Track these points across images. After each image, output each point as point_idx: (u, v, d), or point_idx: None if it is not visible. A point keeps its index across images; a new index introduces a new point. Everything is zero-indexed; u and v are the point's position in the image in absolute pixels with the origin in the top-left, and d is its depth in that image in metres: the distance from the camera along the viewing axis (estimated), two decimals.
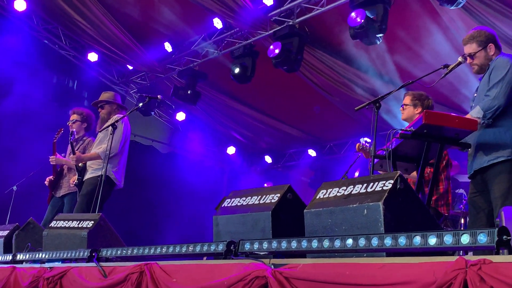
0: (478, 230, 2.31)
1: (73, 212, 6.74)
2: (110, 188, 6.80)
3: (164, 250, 3.77)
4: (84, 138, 7.43)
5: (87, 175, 6.92)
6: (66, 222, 5.12)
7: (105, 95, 7.29)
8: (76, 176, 7.01)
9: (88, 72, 11.45)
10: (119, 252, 4.13)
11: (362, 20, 7.61)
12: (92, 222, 4.87)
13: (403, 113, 5.48)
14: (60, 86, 10.88)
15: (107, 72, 11.91)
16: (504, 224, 3.14)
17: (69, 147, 7.48)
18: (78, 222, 4.99)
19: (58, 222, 5.22)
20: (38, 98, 10.19)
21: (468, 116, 4.32)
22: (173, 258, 3.77)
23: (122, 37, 10.33)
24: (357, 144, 5.54)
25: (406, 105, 5.46)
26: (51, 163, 7.21)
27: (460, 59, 4.64)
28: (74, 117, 7.42)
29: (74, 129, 7.31)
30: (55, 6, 9.96)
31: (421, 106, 5.38)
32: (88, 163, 6.96)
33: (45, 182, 7.36)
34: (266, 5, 8.92)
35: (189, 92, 10.67)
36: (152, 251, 3.86)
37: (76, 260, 4.51)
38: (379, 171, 4.82)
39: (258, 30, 9.35)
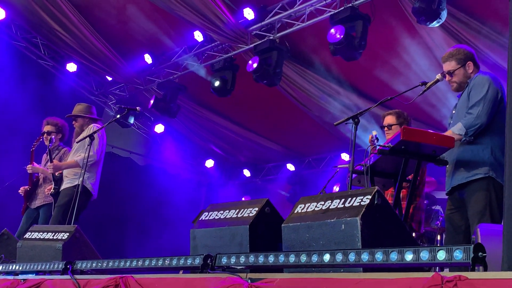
0: (454, 246, 2.32)
1: (49, 223, 6.66)
2: (86, 199, 6.76)
3: (140, 263, 3.74)
4: (60, 148, 7.38)
5: (64, 185, 6.86)
6: (41, 233, 5.06)
7: (77, 108, 7.26)
8: (53, 186, 6.93)
9: (67, 82, 11.36)
10: (94, 264, 4.09)
11: (342, 36, 7.67)
12: (68, 234, 4.82)
13: (390, 133, 5.43)
14: (38, 96, 10.77)
15: (86, 82, 11.84)
16: (479, 241, 3.16)
17: (45, 156, 7.42)
18: (53, 233, 4.93)
19: (33, 233, 5.16)
20: (15, 107, 10.09)
21: (449, 132, 4.36)
22: (149, 272, 3.73)
23: (102, 48, 10.29)
24: (370, 136, 5.50)
25: (392, 125, 5.46)
26: (28, 171, 7.13)
27: (438, 76, 4.69)
28: (48, 128, 7.37)
29: (49, 140, 7.27)
30: (34, 15, 9.89)
31: (406, 123, 5.42)
32: (65, 172, 6.91)
33: (20, 192, 7.27)
34: (247, 19, 8.95)
35: (171, 105, 10.63)
36: (127, 264, 3.82)
37: (50, 272, 4.44)
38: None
39: (239, 44, 9.37)
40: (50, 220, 6.71)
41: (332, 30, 7.81)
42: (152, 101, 10.67)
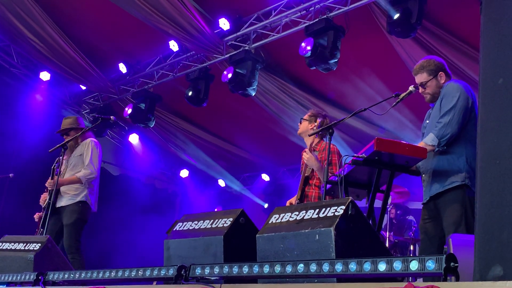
0: (427, 256, 2.34)
1: (64, 242, 6.62)
2: (89, 214, 6.85)
3: (113, 274, 3.70)
4: None
5: (65, 201, 6.75)
6: (12, 244, 4.98)
7: (67, 121, 7.13)
8: (47, 198, 6.78)
9: (40, 91, 11.23)
10: (66, 275, 4.04)
11: (310, 48, 7.73)
12: (39, 244, 4.76)
13: (300, 127, 5.92)
14: (10, 104, 10.64)
15: (59, 91, 11.70)
16: (451, 251, 3.20)
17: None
18: (25, 244, 4.87)
19: (4, 244, 5.08)
20: None
21: (421, 143, 4.39)
22: (122, 283, 3.70)
23: (76, 57, 10.19)
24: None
25: (304, 119, 5.89)
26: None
27: (411, 88, 4.72)
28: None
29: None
30: (8, 23, 9.79)
31: (314, 122, 5.81)
32: (63, 188, 6.77)
33: (35, 218, 7.20)
34: (223, 29, 8.99)
35: (148, 115, 10.55)
36: (100, 275, 3.78)
37: (21, 283, 4.38)
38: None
39: (214, 54, 9.38)
40: (64, 240, 6.65)
41: (303, 44, 7.89)
42: (130, 110, 10.55)
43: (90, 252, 10.76)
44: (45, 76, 10.94)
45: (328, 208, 3.09)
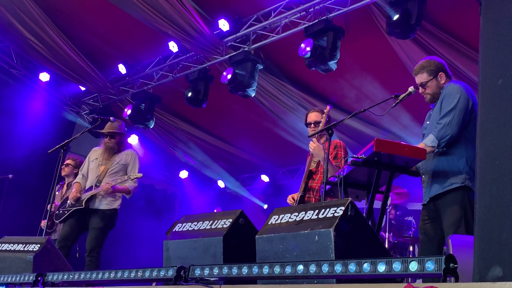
0: (426, 257, 2.34)
1: (86, 244, 6.74)
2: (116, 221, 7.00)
3: (112, 275, 3.70)
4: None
5: (101, 205, 6.83)
6: (12, 245, 4.98)
7: (115, 125, 7.16)
8: (84, 200, 6.82)
9: (39, 92, 11.22)
10: (65, 276, 4.03)
11: (310, 49, 7.74)
12: (39, 245, 4.75)
13: (315, 130, 5.59)
14: (10, 105, 10.63)
15: (59, 92, 11.69)
16: (451, 252, 3.19)
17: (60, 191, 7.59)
18: (24, 245, 4.87)
19: (3, 245, 5.08)
20: None
21: (421, 144, 4.38)
22: (122, 284, 3.70)
23: (75, 58, 10.18)
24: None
25: (318, 122, 5.62)
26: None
27: (410, 89, 4.72)
28: (68, 161, 7.79)
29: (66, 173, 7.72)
30: (7, 24, 9.78)
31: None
32: (103, 192, 6.83)
33: (42, 226, 7.25)
34: (222, 30, 8.98)
35: (147, 116, 10.54)
36: (99, 276, 3.78)
37: (20, 284, 4.38)
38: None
39: (214, 55, 9.37)
40: (87, 241, 6.76)
41: (302, 45, 7.89)
42: (129, 111, 10.52)
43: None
44: (44, 77, 10.92)
45: (328, 209, 3.09)
